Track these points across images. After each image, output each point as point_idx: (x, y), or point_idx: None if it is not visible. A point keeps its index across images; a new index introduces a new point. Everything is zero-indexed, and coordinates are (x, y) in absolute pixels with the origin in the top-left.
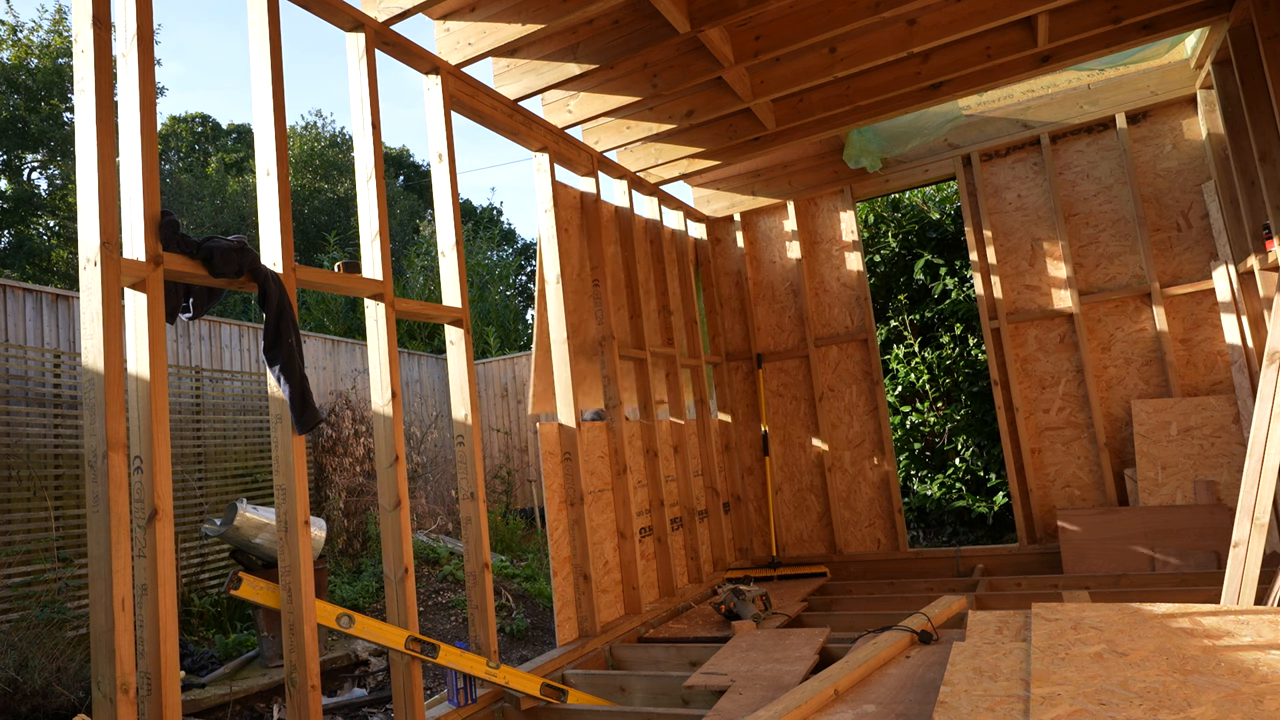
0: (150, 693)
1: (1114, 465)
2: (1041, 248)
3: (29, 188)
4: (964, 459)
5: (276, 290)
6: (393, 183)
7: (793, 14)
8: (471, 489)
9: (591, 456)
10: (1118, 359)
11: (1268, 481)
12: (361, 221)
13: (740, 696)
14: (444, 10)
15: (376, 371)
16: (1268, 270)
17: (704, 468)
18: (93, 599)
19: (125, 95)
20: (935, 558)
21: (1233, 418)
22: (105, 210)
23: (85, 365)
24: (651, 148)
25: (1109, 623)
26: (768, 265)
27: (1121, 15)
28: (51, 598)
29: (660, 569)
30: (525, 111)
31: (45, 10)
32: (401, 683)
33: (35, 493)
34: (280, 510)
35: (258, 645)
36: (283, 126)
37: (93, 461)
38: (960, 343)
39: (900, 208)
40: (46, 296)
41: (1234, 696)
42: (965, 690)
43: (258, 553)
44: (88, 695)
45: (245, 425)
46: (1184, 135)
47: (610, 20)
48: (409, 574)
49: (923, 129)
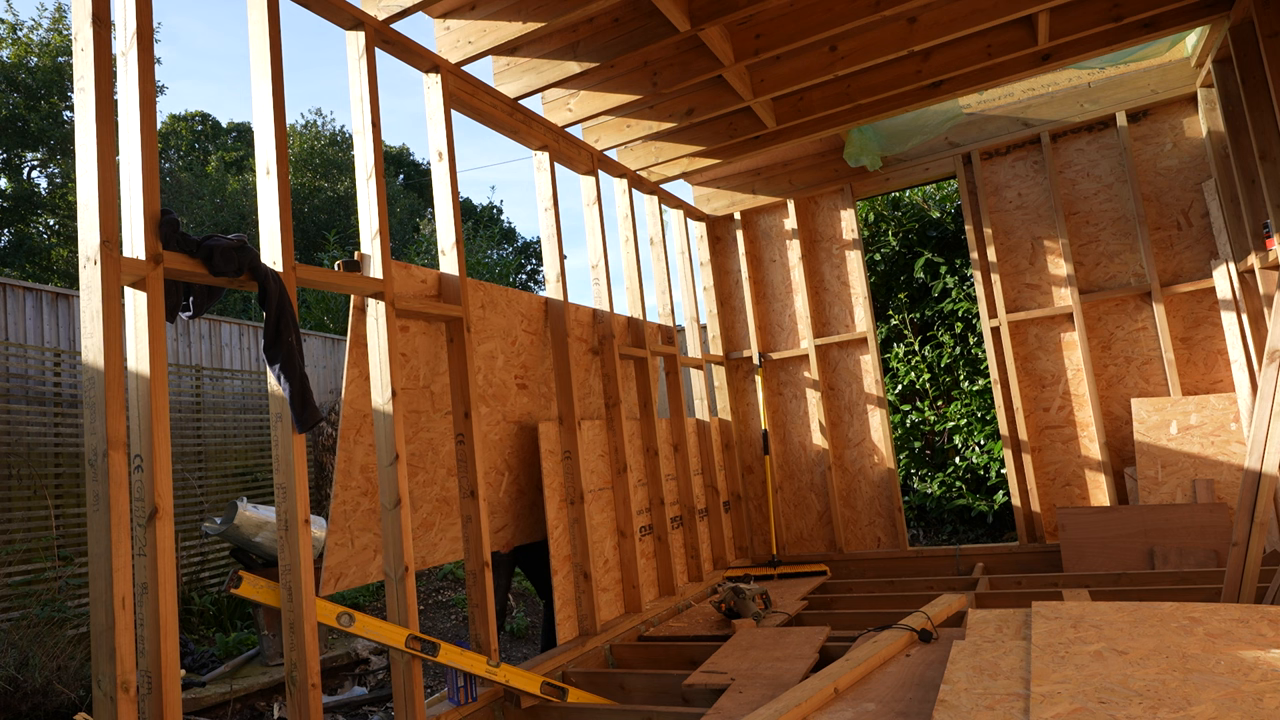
0: (151, 691)
1: (1114, 464)
2: (1042, 246)
3: (29, 186)
4: (964, 457)
5: (276, 289)
6: (393, 181)
7: (793, 12)
8: (471, 487)
9: (591, 455)
10: (1118, 357)
11: (1267, 481)
12: (361, 220)
13: (740, 695)
14: (444, 8)
15: (377, 370)
16: (1268, 269)
17: (704, 466)
18: (93, 597)
19: (125, 93)
20: (935, 556)
21: (1233, 417)
22: (105, 209)
23: (85, 364)
24: (652, 146)
25: (1109, 621)
26: (768, 264)
27: (1122, 13)
28: (52, 596)
29: (660, 567)
30: (525, 110)
31: (45, 8)
32: (402, 681)
33: (35, 491)
34: (280, 509)
35: (258, 643)
36: (282, 125)
37: (93, 460)
38: (960, 341)
39: (900, 206)
40: (47, 295)
41: (1234, 695)
42: (965, 688)
43: (258, 551)
44: (88, 693)
45: (245, 424)
46: (1184, 134)
47: (610, 19)
48: (409, 572)
49: (923, 127)
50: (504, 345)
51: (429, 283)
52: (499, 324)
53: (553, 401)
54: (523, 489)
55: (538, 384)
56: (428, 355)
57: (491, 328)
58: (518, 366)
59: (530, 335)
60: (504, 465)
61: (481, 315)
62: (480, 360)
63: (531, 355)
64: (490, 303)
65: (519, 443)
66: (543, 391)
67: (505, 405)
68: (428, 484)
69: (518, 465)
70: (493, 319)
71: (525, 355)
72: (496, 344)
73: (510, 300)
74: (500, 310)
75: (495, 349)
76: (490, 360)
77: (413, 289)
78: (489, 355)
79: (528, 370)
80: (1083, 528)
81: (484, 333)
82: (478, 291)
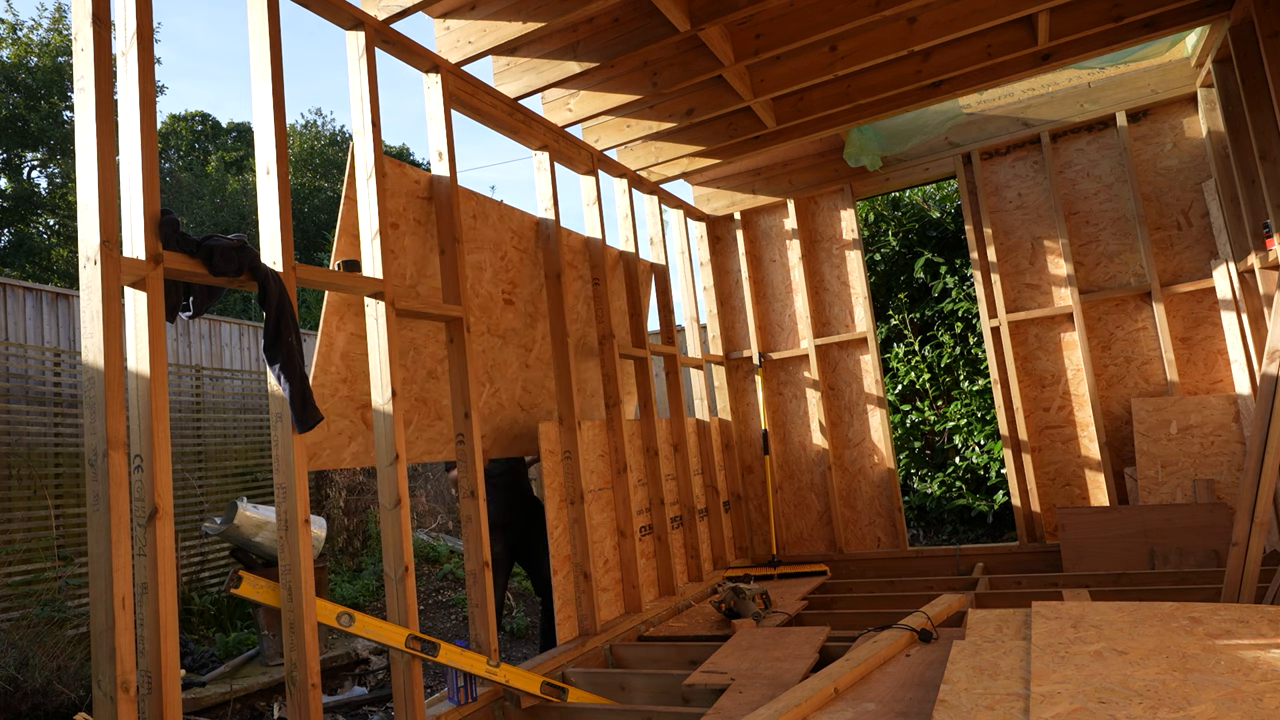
0: (151, 691)
1: (1114, 464)
2: (1042, 246)
3: (29, 186)
4: (964, 457)
5: (276, 289)
6: None
7: (793, 12)
8: (471, 487)
9: (591, 455)
10: (1118, 357)
11: (1268, 480)
12: (361, 220)
13: (740, 695)
14: (444, 8)
15: (376, 370)
16: (1268, 269)
17: (704, 466)
18: (93, 597)
19: (125, 93)
20: (935, 556)
21: (1233, 416)
22: (105, 209)
23: (85, 364)
24: (652, 146)
25: (1109, 621)
26: (768, 264)
27: (1122, 13)
28: (52, 596)
29: (660, 567)
30: (525, 110)
31: (45, 8)
32: (402, 681)
33: (36, 491)
34: (280, 509)
35: (258, 644)
36: (282, 125)
37: (93, 460)
38: (960, 341)
39: (900, 206)
40: (46, 295)
41: (1234, 695)
42: (965, 688)
43: (258, 551)
44: (88, 693)
45: (245, 424)
46: (1184, 134)
47: (610, 18)
48: (409, 572)
49: (923, 127)
50: (493, 258)
51: (421, 183)
52: (489, 236)
53: (538, 321)
54: (502, 404)
55: (525, 302)
56: (415, 256)
57: (481, 239)
58: (505, 282)
59: (520, 253)
60: (485, 378)
61: (472, 225)
62: (469, 270)
63: (520, 273)
64: (481, 214)
65: (500, 357)
66: (529, 310)
67: (490, 318)
68: (408, 382)
69: (499, 379)
70: (483, 230)
71: (514, 271)
72: (485, 255)
73: (502, 215)
74: (491, 223)
75: (484, 260)
76: (478, 271)
77: (405, 187)
78: (477, 266)
79: (515, 287)
80: (1083, 528)
81: (473, 243)
82: (469, 201)
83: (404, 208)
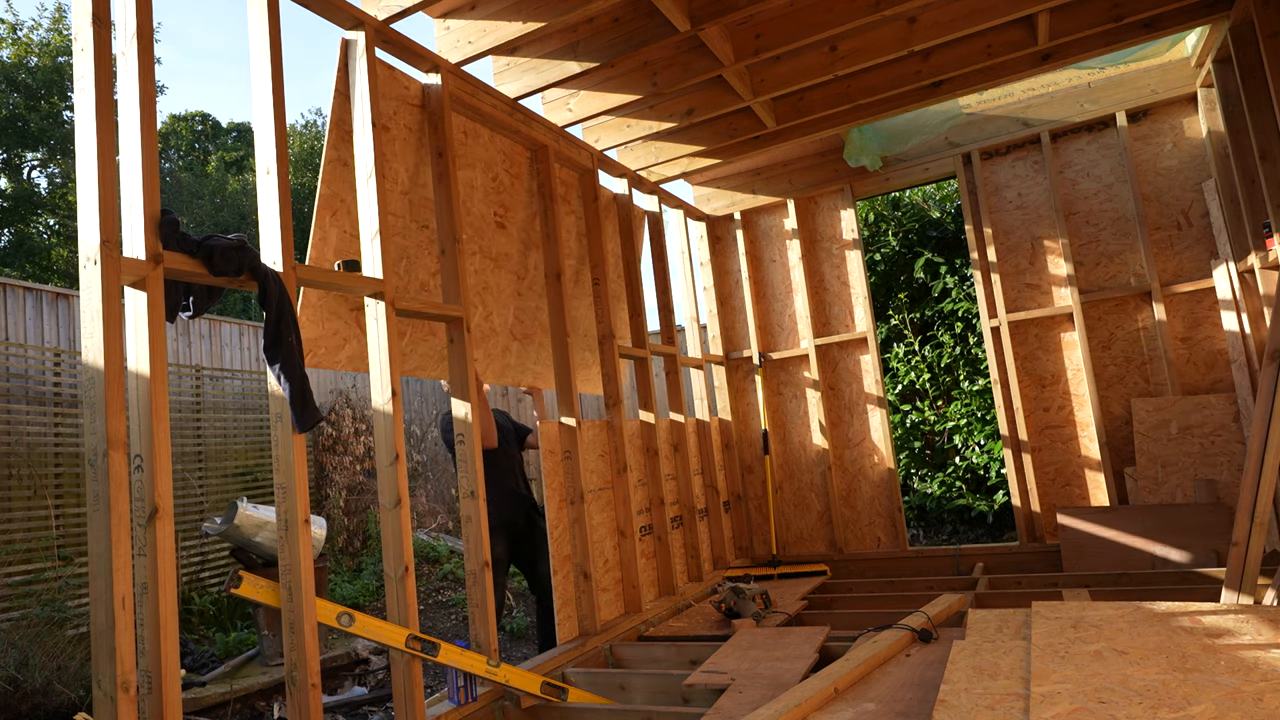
0: (151, 691)
1: (1114, 464)
2: (1042, 246)
3: (29, 186)
4: (964, 457)
5: (276, 289)
6: None
7: (793, 12)
8: (471, 487)
9: (591, 455)
10: (1118, 357)
11: (1267, 480)
12: (361, 219)
13: (740, 695)
14: (444, 8)
15: (376, 370)
16: (1268, 268)
17: (704, 466)
18: (93, 597)
19: (125, 93)
20: (935, 556)
21: (1233, 416)
22: (105, 209)
23: (85, 363)
24: (652, 146)
25: (1109, 621)
26: (768, 264)
27: (1122, 13)
28: (52, 596)
29: (660, 567)
30: (525, 110)
31: (45, 8)
32: (402, 681)
33: (35, 491)
34: (280, 509)
35: (258, 643)
36: (282, 125)
37: (93, 460)
38: (960, 341)
39: (900, 206)
40: (46, 295)
41: (1234, 695)
42: (965, 688)
43: (258, 551)
44: (88, 693)
45: (245, 424)
46: (1184, 134)
47: (610, 19)
48: (409, 572)
49: (923, 127)
50: (484, 178)
51: (413, 89)
52: (480, 155)
53: (531, 250)
54: (495, 329)
55: (518, 228)
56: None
57: (472, 156)
58: (496, 204)
59: (511, 177)
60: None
61: (463, 141)
62: (460, 187)
63: (512, 196)
64: (473, 133)
65: (493, 280)
66: (522, 237)
67: (483, 240)
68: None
69: (491, 302)
70: (474, 149)
71: (505, 194)
72: (476, 173)
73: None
74: (483, 142)
75: (474, 178)
76: (469, 189)
77: (395, 92)
78: (468, 183)
79: (507, 211)
80: (1083, 527)
81: (465, 158)
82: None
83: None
